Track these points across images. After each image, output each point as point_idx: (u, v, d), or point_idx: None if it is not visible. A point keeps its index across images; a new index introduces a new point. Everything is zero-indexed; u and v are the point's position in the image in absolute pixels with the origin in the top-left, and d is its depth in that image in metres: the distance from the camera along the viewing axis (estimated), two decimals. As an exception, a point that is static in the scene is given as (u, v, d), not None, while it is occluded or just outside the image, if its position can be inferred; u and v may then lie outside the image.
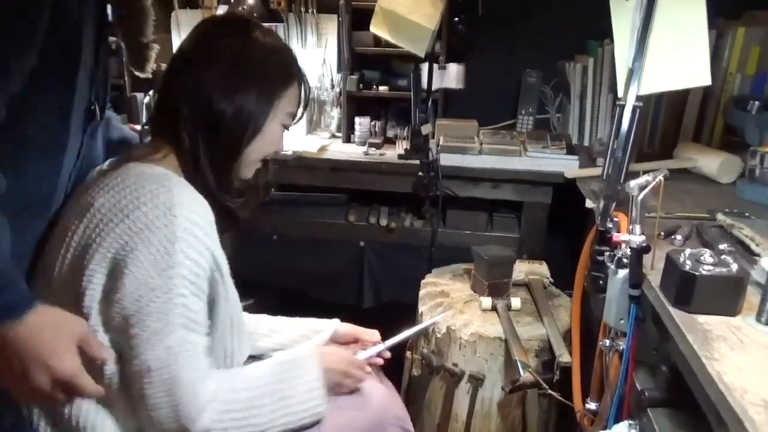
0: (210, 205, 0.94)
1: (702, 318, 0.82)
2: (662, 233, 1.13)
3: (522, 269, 1.67)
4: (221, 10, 1.83)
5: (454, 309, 1.54)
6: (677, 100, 1.92)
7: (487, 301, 1.51)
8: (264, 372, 0.96)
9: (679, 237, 1.10)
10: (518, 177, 1.77)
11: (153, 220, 0.81)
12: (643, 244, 0.92)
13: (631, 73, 1.08)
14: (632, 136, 1.06)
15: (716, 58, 1.85)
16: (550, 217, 1.84)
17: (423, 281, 1.72)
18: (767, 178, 1.42)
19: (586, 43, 2.06)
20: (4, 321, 0.74)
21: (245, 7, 1.78)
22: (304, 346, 1.15)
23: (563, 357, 1.32)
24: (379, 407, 1.11)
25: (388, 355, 1.25)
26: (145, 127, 1.83)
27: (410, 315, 1.63)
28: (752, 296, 0.84)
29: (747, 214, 1.25)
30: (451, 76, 1.85)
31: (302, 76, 1.04)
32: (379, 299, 1.98)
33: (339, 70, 1.97)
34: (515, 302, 1.50)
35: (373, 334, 1.29)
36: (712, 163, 1.60)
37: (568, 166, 1.73)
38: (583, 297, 1.24)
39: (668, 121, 1.96)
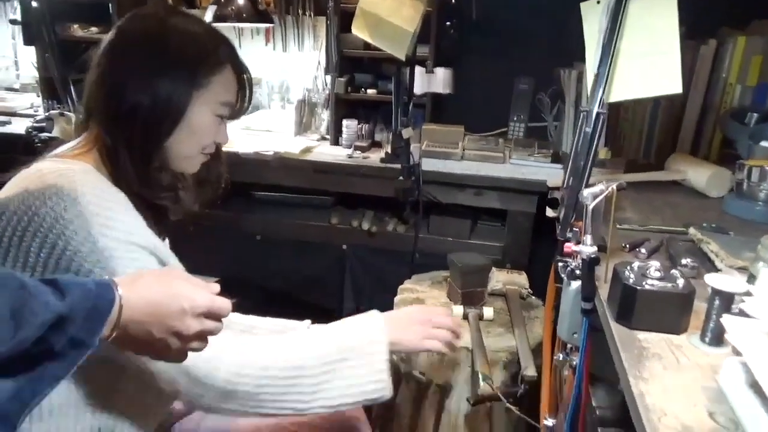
0: (134, 201, 0.92)
1: (643, 335, 0.78)
2: (627, 245, 1.09)
3: (500, 279, 1.64)
4: (210, 10, 1.84)
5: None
6: (675, 111, 1.87)
7: (458, 309, 1.48)
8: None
9: (643, 250, 1.06)
10: (502, 184, 1.73)
11: (61, 213, 0.79)
12: (593, 255, 0.89)
13: (596, 79, 1.05)
14: (595, 144, 1.02)
15: (716, 68, 1.80)
16: (537, 226, 1.80)
17: (400, 287, 1.69)
18: (754, 192, 1.36)
19: (585, 50, 2.02)
20: (112, 310, 0.64)
21: (233, 7, 1.79)
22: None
23: (528, 370, 1.28)
24: (338, 415, 1.09)
25: None
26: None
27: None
28: (703, 314, 0.80)
29: (728, 230, 1.20)
30: (439, 81, 1.82)
31: (238, 64, 1.00)
32: (360, 303, 1.96)
33: (327, 72, 1.96)
34: (488, 312, 1.46)
35: None
36: (701, 176, 1.55)
37: (552, 174, 1.69)
38: (557, 309, 1.21)
39: (665, 133, 1.91)
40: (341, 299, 1.97)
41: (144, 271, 0.73)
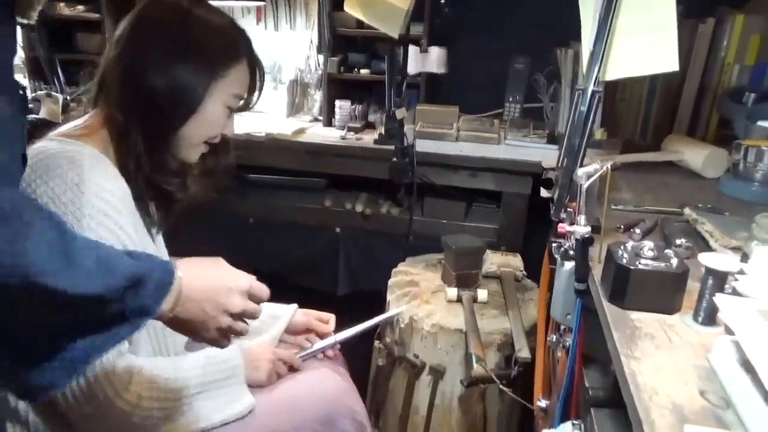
0: (141, 185, 0.93)
1: (635, 315, 0.78)
2: (622, 226, 1.09)
3: (495, 261, 1.64)
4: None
5: (419, 299, 1.52)
6: (672, 91, 1.86)
7: (452, 292, 1.48)
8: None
9: (638, 231, 1.06)
10: (496, 166, 1.73)
11: (59, 195, 0.79)
12: (587, 236, 0.88)
13: (591, 57, 1.03)
14: (590, 124, 1.02)
15: (714, 47, 1.78)
16: (532, 208, 1.80)
17: (394, 269, 1.70)
18: (750, 173, 1.36)
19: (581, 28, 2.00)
20: (168, 295, 0.67)
21: (224, -16, 1.76)
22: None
23: (522, 352, 1.29)
24: (331, 399, 1.10)
25: (329, 352, 1.25)
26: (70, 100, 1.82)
27: (384, 303, 1.61)
28: (696, 294, 0.80)
29: (723, 211, 1.20)
30: (433, 61, 1.81)
31: (253, 58, 1.01)
32: (355, 286, 1.96)
33: (320, 51, 1.94)
34: (482, 294, 1.47)
35: (327, 326, 1.28)
36: (697, 156, 1.54)
37: (547, 156, 1.68)
38: (552, 291, 1.21)
39: (662, 114, 1.90)
40: (335, 282, 1.97)
41: (193, 258, 0.78)
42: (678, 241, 0.99)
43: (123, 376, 0.86)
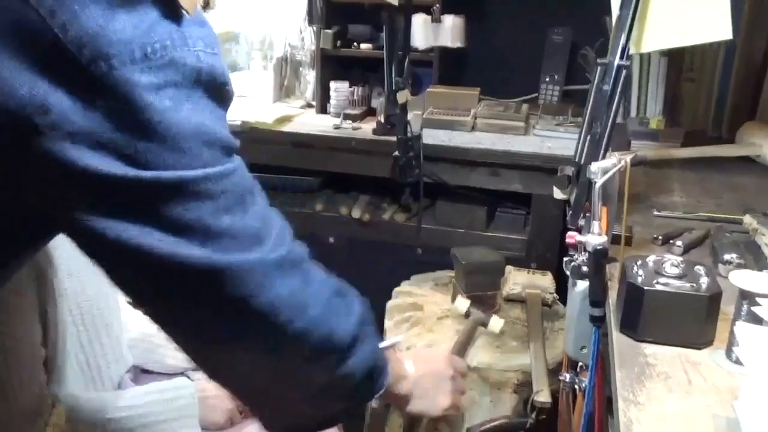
0: None
1: (652, 348, 0.75)
2: (660, 237, 1.05)
3: (519, 280, 1.61)
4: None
5: (421, 327, 1.50)
6: (753, 68, 1.80)
7: (463, 304, 1.44)
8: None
9: (680, 243, 1.02)
10: (524, 162, 1.70)
11: None
12: (600, 247, 0.86)
13: (618, 23, 1.01)
14: (615, 106, 0.99)
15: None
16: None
17: (396, 289, 1.68)
18: (843, 171, 1.30)
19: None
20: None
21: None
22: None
23: (541, 395, 1.25)
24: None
25: None
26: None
27: (382, 331, 1.60)
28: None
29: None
30: (447, 32, 1.80)
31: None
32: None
33: (311, 22, 1.95)
34: (495, 323, 1.43)
35: None
36: (780, 151, 1.49)
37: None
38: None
39: (740, 98, 1.84)
40: (327, 304, 1.96)
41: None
42: (727, 257, 0.95)
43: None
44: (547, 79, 1.97)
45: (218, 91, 0.62)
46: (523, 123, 1.70)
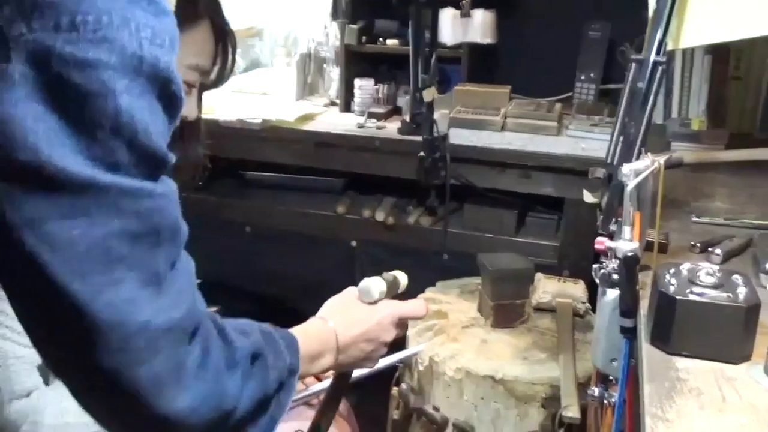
0: None
1: (684, 362, 0.73)
2: (698, 244, 1.03)
3: (550, 289, 1.59)
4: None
5: (445, 336, 1.49)
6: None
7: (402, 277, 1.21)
8: None
9: (719, 251, 1.00)
10: (556, 164, 1.69)
11: None
12: (631, 253, 0.84)
13: (655, 15, 0.99)
14: (650, 105, 0.97)
15: None
16: (605, 221, 1.74)
17: (420, 296, 1.67)
18: None
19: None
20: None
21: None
22: None
23: (569, 410, 1.24)
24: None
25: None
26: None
27: (405, 339, 1.60)
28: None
29: None
30: (477, 27, 1.79)
31: (219, 20, 1.02)
32: (372, 317, 1.95)
33: (335, 17, 1.96)
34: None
35: None
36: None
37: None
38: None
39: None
40: (349, 310, 1.96)
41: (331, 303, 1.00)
42: (770, 266, 0.92)
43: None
44: (583, 78, 1.95)
45: (163, 91, 0.56)
46: (555, 123, 1.68)
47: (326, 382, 1.25)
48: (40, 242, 0.52)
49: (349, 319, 0.94)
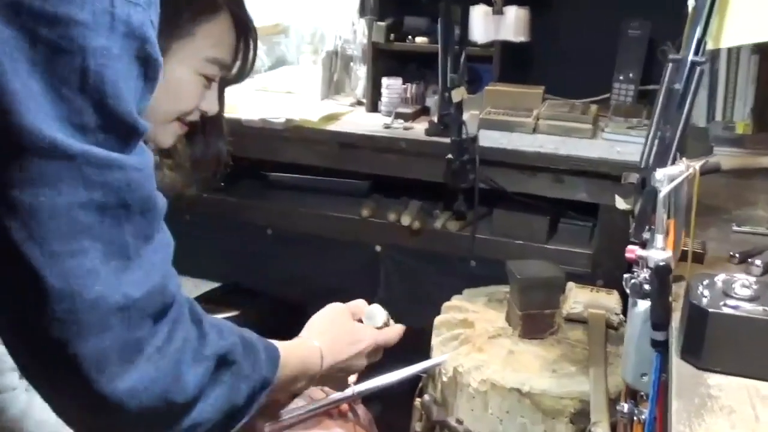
0: None
1: (716, 378, 0.72)
2: (737, 254, 1.02)
3: (581, 299, 1.58)
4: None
5: (470, 346, 1.49)
6: None
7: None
8: None
9: (759, 262, 0.98)
10: (590, 168, 1.67)
11: None
12: (663, 263, 0.83)
13: (694, 13, 0.98)
14: (687, 108, 0.96)
15: None
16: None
17: (446, 304, 1.68)
18: None
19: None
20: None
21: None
22: None
23: (598, 427, 1.22)
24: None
25: (345, 407, 1.24)
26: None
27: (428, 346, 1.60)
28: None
29: None
30: (509, 25, 1.78)
31: (239, 11, 1.03)
32: (395, 322, 1.95)
33: (362, 13, 1.97)
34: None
35: None
36: None
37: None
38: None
39: None
40: (372, 317, 1.97)
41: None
42: (812, 279, 0.91)
43: None
44: (621, 78, 1.93)
45: (139, 51, 0.56)
46: (590, 125, 1.67)
47: (348, 391, 1.26)
48: (3, 206, 0.53)
49: (336, 345, 1.00)
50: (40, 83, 0.52)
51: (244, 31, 1.03)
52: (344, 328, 1.04)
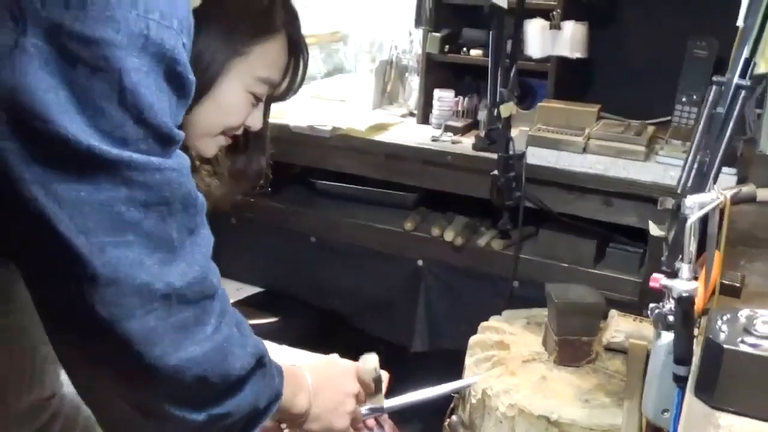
0: None
1: (728, 419, 0.70)
2: None
3: (623, 328, 1.54)
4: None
5: (503, 368, 1.47)
6: None
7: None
8: None
9: (792, 296, 0.95)
10: (640, 191, 1.64)
11: None
12: (686, 294, 0.81)
13: (741, 34, 0.96)
14: (729, 132, 0.94)
15: None
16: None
17: (483, 324, 1.66)
18: None
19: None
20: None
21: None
22: None
23: (626, 462, 1.19)
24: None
25: (371, 422, 1.25)
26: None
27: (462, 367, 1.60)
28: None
29: None
30: (566, 40, 1.76)
31: (295, 34, 1.05)
32: (435, 342, 1.95)
33: (418, 24, 1.98)
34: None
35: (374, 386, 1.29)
36: None
37: (722, 183, 1.55)
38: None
39: None
40: (411, 333, 1.97)
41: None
42: None
43: None
44: (684, 99, 1.87)
45: (170, 71, 0.61)
46: (643, 147, 1.64)
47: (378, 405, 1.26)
48: (49, 199, 0.59)
49: (321, 369, 1.05)
50: (81, 99, 0.58)
51: (296, 52, 1.05)
52: (336, 383, 1.07)
